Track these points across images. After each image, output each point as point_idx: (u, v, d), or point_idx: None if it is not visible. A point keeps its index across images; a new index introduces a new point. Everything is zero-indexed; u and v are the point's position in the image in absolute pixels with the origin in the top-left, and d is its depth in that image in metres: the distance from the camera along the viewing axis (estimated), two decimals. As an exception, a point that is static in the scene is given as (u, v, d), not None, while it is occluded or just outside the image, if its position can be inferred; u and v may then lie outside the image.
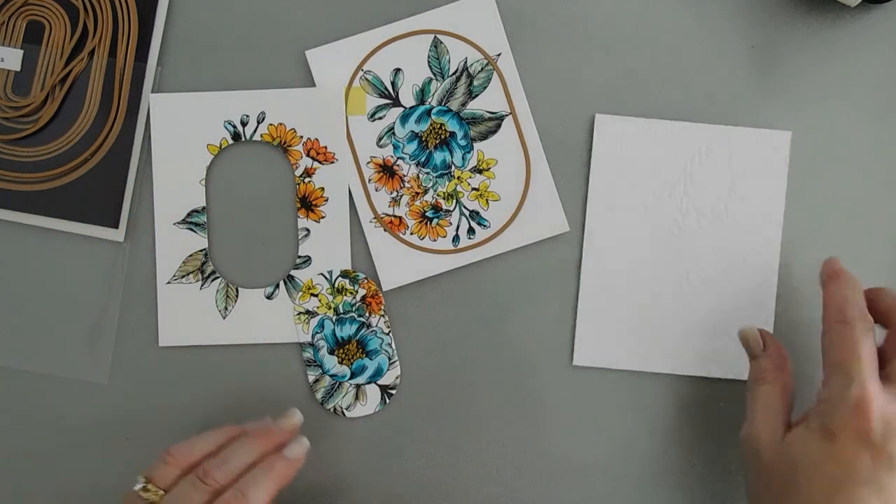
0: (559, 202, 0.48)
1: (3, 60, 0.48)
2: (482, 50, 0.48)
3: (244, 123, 0.48)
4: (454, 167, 0.48)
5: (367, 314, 0.48)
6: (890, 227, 0.48)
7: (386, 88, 0.49)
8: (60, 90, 0.48)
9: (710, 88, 0.48)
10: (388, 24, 0.48)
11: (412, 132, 0.49)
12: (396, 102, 0.49)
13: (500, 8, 0.48)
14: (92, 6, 0.48)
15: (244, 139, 0.48)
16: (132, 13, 0.48)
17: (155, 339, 0.48)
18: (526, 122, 0.48)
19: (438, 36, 0.48)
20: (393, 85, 0.49)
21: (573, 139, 0.48)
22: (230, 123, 0.48)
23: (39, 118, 0.48)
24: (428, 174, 0.48)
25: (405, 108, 0.49)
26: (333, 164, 0.48)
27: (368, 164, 0.48)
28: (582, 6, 0.49)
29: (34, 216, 0.48)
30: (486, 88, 0.48)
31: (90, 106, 0.48)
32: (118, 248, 0.49)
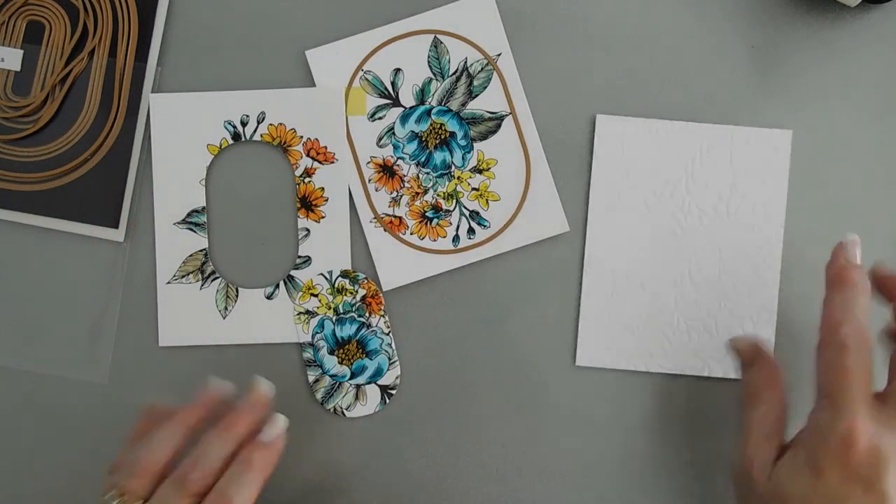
0: (559, 202, 0.48)
1: (3, 60, 0.48)
2: (482, 50, 0.48)
3: (244, 123, 0.48)
4: (454, 167, 0.48)
5: (367, 314, 0.48)
6: (890, 227, 0.48)
7: (386, 88, 0.49)
8: (60, 90, 0.48)
9: (710, 88, 0.48)
10: (388, 24, 0.48)
11: (412, 132, 0.48)
12: (396, 102, 0.49)
13: (500, 8, 0.48)
14: (92, 6, 0.48)
15: (244, 139, 0.48)
16: (132, 13, 0.48)
17: (155, 339, 0.48)
18: (526, 122, 0.48)
19: (438, 36, 0.48)
20: (393, 85, 0.49)
21: (573, 139, 0.48)
22: (230, 123, 0.48)
23: (39, 118, 0.48)
24: (428, 174, 0.48)
25: (405, 108, 0.49)
26: (333, 164, 0.48)
27: (368, 164, 0.48)
28: (582, 6, 0.49)
29: (34, 216, 0.48)
30: (486, 88, 0.48)
31: (90, 106, 0.48)
32: (118, 248, 0.49)
